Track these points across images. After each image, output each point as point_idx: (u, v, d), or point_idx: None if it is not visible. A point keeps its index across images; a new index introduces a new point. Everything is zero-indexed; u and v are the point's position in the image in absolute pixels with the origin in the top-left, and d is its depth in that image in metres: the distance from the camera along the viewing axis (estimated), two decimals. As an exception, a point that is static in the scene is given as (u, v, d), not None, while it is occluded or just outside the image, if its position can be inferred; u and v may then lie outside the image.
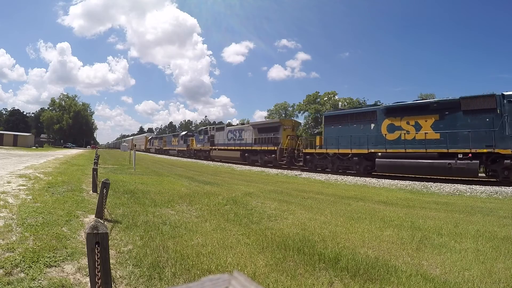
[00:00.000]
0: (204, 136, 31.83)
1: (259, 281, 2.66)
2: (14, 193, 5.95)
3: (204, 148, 31.38)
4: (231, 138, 26.73)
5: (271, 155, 21.21)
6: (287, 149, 20.04)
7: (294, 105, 68.88)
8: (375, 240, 4.05)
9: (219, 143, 28.41)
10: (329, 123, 17.62)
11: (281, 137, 20.75)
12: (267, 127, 23.05)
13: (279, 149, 20.37)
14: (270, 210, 5.92)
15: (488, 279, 2.82)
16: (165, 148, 47.40)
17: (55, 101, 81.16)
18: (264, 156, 22.02)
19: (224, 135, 27.79)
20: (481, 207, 7.00)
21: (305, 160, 18.53)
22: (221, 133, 28.54)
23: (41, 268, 2.66)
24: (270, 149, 21.39)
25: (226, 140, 27.26)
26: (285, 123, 21.91)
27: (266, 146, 21.80)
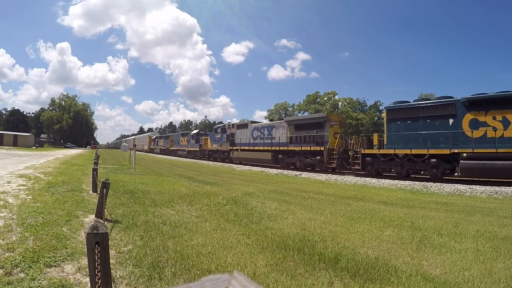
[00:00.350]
0: (222, 134, 27.45)
1: (259, 281, 2.66)
2: (14, 193, 5.95)
3: (222, 149, 27.16)
4: (257, 137, 22.84)
5: (315, 157, 17.70)
6: (337, 149, 16.67)
7: (294, 105, 68.91)
8: (375, 240, 4.05)
9: (242, 143, 24.29)
10: (394, 118, 14.49)
11: (327, 135, 17.21)
12: (309, 123, 19.16)
13: (326, 149, 16.87)
14: (270, 210, 5.92)
15: (488, 279, 2.82)
16: (172, 148, 43.28)
17: (55, 101, 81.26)
18: (305, 158, 18.39)
19: (248, 133, 23.77)
20: (481, 207, 7.00)
21: (364, 163, 15.15)
22: (244, 131, 24.37)
23: (41, 268, 2.66)
24: (314, 149, 17.72)
25: (251, 139, 23.31)
26: (332, 118, 18.17)
27: (309, 146, 18.15)
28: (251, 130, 23.73)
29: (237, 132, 25.53)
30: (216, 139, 28.77)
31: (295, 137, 19.50)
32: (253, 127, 23.72)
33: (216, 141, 28.58)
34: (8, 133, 54.54)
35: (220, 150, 27.81)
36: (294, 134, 19.64)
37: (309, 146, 18.24)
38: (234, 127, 26.20)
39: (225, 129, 27.62)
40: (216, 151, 28.74)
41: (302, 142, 18.95)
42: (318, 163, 17.60)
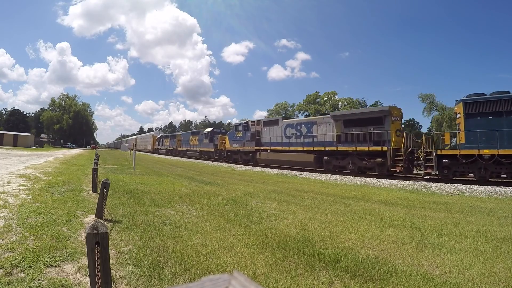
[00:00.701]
0: (245, 133, 23.69)
1: (259, 281, 2.66)
2: (14, 193, 5.95)
3: (246, 149, 23.43)
4: (292, 135, 19.33)
5: (374, 159, 14.45)
6: (403, 150, 13.69)
7: (294, 105, 69.01)
8: (375, 240, 4.05)
9: (271, 142, 20.81)
10: (474, 113, 12.24)
11: (389, 133, 14.02)
12: (364, 118, 15.61)
13: (390, 150, 13.77)
14: (270, 210, 5.92)
15: (488, 279, 2.82)
16: (180, 148, 39.45)
17: (55, 101, 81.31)
18: (360, 161, 15.23)
19: (279, 131, 20.31)
20: (481, 207, 7.00)
21: (440, 166, 12.59)
22: (274, 128, 20.89)
23: (41, 268, 2.66)
24: (373, 150, 14.45)
25: (284, 138, 19.87)
26: (394, 112, 14.79)
27: (366, 146, 14.83)
28: (283, 128, 20.07)
29: (264, 130, 21.89)
30: (236, 138, 24.82)
31: (344, 135, 16.06)
32: (286, 123, 20.10)
33: (237, 140, 24.70)
34: (8, 133, 54.56)
35: (242, 150, 24.02)
36: (343, 131, 16.14)
37: (366, 146, 14.80)
38: (260, 124, 22.46)
39: (247, 127, 23.68)
40: (236, 151, 24.97)
41: (355, 141, 15.57)
42: (377, 167, 14.44)
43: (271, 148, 20.82)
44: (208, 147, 30.93)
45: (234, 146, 25.36)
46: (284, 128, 20.16)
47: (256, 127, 22.84)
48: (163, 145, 48.73)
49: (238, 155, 24.97)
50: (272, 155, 20.67)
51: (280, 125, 20.55)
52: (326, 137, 17.10)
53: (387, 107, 15.21)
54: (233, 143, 25.47)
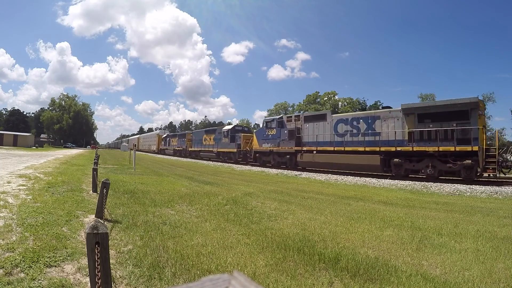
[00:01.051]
0: (280, 130, 19.97)
1: (259, 281, 2.66)
2: (14, 193, 5.95)
3: (281, 150, 19.66)
4: (346, 133, 15.91)
5: (461, 161, 11.87)
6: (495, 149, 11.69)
7: (294, 105, 69.05)
8: (375, 240, 4.05)
9: (318, 141, 17.10)
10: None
11: (478, 129, 11.61)
12: (445, 112, 12.54)
13: (482, 150, 11.48)
14: (270, 210, 5.92)
15: (488, 279, 2.82)
16: (192, 149, 34.97)
17: (55, 101, 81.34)
18: (443, 164, 12.38)
19: (328, 128, 16.83)
20: (481, 207, 7.00)
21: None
22: (321, 124, 17.28)
23: (41, 268, 2.66)
24: (460, 150, 11.80)
25: (335, 136, 16.40)
26: (481, 106, 12.56)
27: (451, 146, 12.04)
28: (333, 124, 16.62)
29: (305, 126, 18.18)
30: (268, 137, 20.92)
31: (418, 132, 13.05)
32: (338, 119, 16.63)
33: (269, 139, 20.81)
34: (8, 133, 54.56)
35: (276, 151, 20.18)
36: (416, 127, 13.18)
37: (451, 146, 12.05)
38: (300, 120, 18.68)
39: (282, 123, 20.06)
40: (267, 153, 21.17)
41: (432, 139, 12.69)
42: (464, 170, 11.88)
43: (318, 149, 17.02)
44: (229, 147, 26.46)
45: (264, 146, 21.29)
46: (334, 124, 16.57)
47: (295, 123, 18.91)
48: (169, 145, 44.11)
49: (270, 157, 21.02)
50: (319, 157, 16.83)
51: (328, 120, 16.93)
52: (393, 135, 13.82)
53: (475, 99, 12.21)
54: (264, 142, 21.41)
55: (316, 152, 17.14)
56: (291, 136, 19.06)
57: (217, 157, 28.67)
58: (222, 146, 27.78)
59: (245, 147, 24.19)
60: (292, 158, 19.08)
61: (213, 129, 31.67)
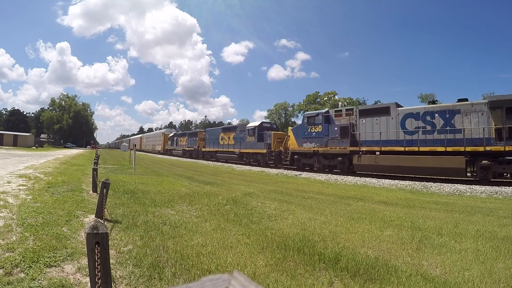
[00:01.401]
0: (327, 127, 16.54)
1: (259, 281, 2.66)
2: (14, 193, 5.95)
3: (331, 151, 16.17)
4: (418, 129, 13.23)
5: None
6: None
7: (294, 105, 69.04)
8: (375, 240, 4.05)
9: (381, 140, 14.12)
10: None
11: None
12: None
13: None
14: (270, 210, 5.92)
15: (488, 279, 2.82)
16: (205, 149, 30.96)
17: (55, 101, 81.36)
18: None
19: (393, 124, 13.97)
20: (481, 207, 7.00)
21: None
22: (383, 120, 14.38)
23: (41, 268, 2.66)
24: None
25: (402, 134, 13.62)
26: None
27: None
28: (398, 119, 13.84)
29: (362, 122, 15.15)
30: (311, 135, 17.30)
31: (507, 128, 11.08)
32: (405, 113, 13.79)
33: (312, 137, 17.28)
34: (8, 133, 54.55)
35: (323, 153, 16.57)
36: (505, 123, 11.19)
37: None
38: (354, 114, 15.60)
39: (329, 118, 16.74)
40: (309, 154, 17.44)
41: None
42: None
43: (382, 149, 13.99)
44: (256, 148, 22.42)
45: (306, 146, 17.57)
46: (401, 119, 13.79)
47: (349, 119, 15.83)
48: (178, 145, 40.01)
49: (313, 159, 17.44)
50: (383, 159, 13.83)
51: (393, 114, 14.03)
52: (478, 132, 11.76)
53: None
54: (305, 141, 17.66)
55: (380, 153, 14.00)
56: (343, 133, 15.54)
57: (239, 159, 24.47)
58: (246, 146, 23.59)
59: (277, 148, 20.47)
60: (344, 161, 15.57)
61: (233, 127, 27.90)
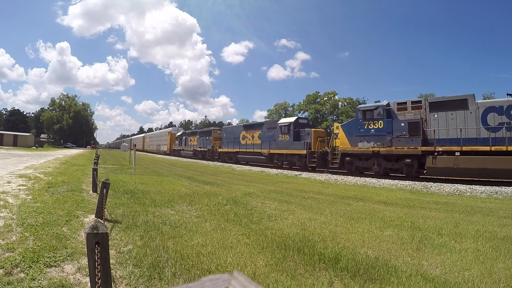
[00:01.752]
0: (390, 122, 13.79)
1: (259, 281, 2.66)
2: (14, 193, 5.95)
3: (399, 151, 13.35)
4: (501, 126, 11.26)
5: None
6: None
7: (294, 105, 69.05)
8: (375, 240, 4.05)
9: (462, 138, 11.79)
10: None
11: None
12: None
13: None
14: (270, 210, 5.92)
15: (488, 279, 2.82)
16: (222, 150, 26.99)
17: (55, 101, 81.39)
18: None
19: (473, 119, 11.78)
20: (481, 207, 7.00)
21: None
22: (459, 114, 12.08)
23: (41, 268, 2.66)
24: None
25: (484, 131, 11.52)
26: None
27: None
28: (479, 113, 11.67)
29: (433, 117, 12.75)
30: (368, 132, 14.46)
31: None
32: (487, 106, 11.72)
33: (370, 135, 14.42)
34: (8, 133, 54.56)
35: (385, 153, 13.78)
36: None
37: None
38: (424, 108, 13.09)
39: (391, 112, 13.99)
40: (368, 155, 14.53)
41: None
42: None
43: (462, 149, 11.68)
44: (291, 148, 18.86)
45: (362, 145, 14.65)
46: (481, 113, 11.63)
47: (415, 113, 13.31)
48: (187, 145, 36.01)
49: (371, 162, 14.56)
50: (465, 160, 11.51)
51: (472, 108, 11.82)
52: None
53: None
54: (360, 140, 14.78)
55: (460, 153, 11.73)
56: (413, 130, 12.85)
57: (268, 161, 20.85)
58: (278, 146, 19.99)
59: (319, 148, 17.27)
60: (413, 163, 13.00)
61: (258, 124, 24.01)
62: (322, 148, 17.45)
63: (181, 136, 39.01)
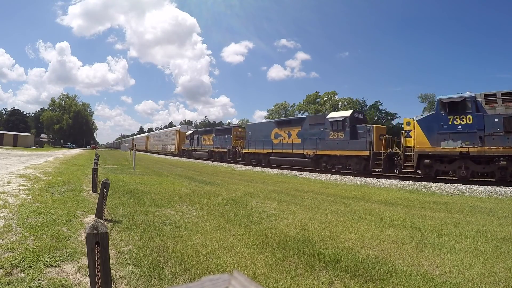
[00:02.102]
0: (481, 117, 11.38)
1: (259, 281, 2.66)
2: (14, 193, 5.95)
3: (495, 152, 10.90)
4: None
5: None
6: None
7: (294, 105, 69.01)
8: (375, 240, 4.05)
9: None
10: None
11: None
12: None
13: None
14: (270, 210, 5.92)
15: (488, 279, 2.82)
16: (247, 151, 23.02)
17: (55, 101, 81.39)
18: None
19: None
20: (481, 207, 7.00)
21: None
22: None
23: (41, 268, 2.66)
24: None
25: None
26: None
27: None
28: None
29: None
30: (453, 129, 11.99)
31: None
32: None
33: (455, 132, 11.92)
34: (8, 133, 54.57)
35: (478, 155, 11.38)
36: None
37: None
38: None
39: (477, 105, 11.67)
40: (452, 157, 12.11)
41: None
42: None
43: None
44: (348, 148, 15.59)
45: (446, 145, 11.99)
46: None
47: (506, 106, 11.21)
48: (199, 145, 31.95)
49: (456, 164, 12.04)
50: None
51: None
52: None
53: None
54: (444, 138, 12.14)
55: None
56: (510, 127, 10.75)
57: (314, 164, 17.21)
58: (328, 147, 16.51)
59: (384, 148, 14.23)
60: (508, 167, 10.86)
61: (297, 119, 20.05)
62: (389, 149, 14.39)
63: (192, 135, 34.29)
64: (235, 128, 28.02)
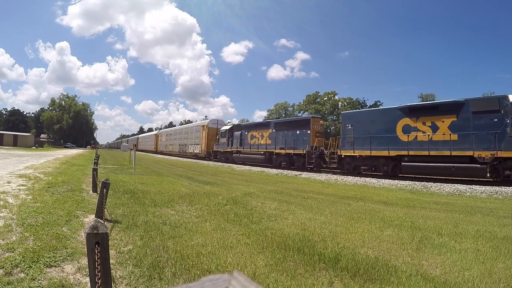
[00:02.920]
0: None
1: (259, 281, 2.66)
2: (14, 193, 5.95)
3: None
4: None
5: None
6: None
7: (294, 105, 69.06)
8: (375, 240, 4.05)
9: None
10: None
11: None
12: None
13: None
14: (270, 210, 5.92)
15: (488, 279, 2.82)
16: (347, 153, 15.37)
17: (55, 101, 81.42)
18: None
19: None
20: (481, 207, 7.00)
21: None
22: None
23: (41, 268, 2.66)
24: None
25: None
26: None
27: None
28: None
29: None
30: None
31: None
32: None
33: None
34: (8, 133, 54.57)
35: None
36: None
37: None
38: None
39: None
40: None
41: None
42: None
43: None
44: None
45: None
46: None
47: None
48: (245, 144, 23.61)
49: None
50: None
51: None
52: None
53: None
54: None
55: None
56: None
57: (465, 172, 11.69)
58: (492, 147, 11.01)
59: None
60: None
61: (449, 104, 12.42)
62: None
63: (232, 131, 25.31)
64: (315, 119, 18.96)
